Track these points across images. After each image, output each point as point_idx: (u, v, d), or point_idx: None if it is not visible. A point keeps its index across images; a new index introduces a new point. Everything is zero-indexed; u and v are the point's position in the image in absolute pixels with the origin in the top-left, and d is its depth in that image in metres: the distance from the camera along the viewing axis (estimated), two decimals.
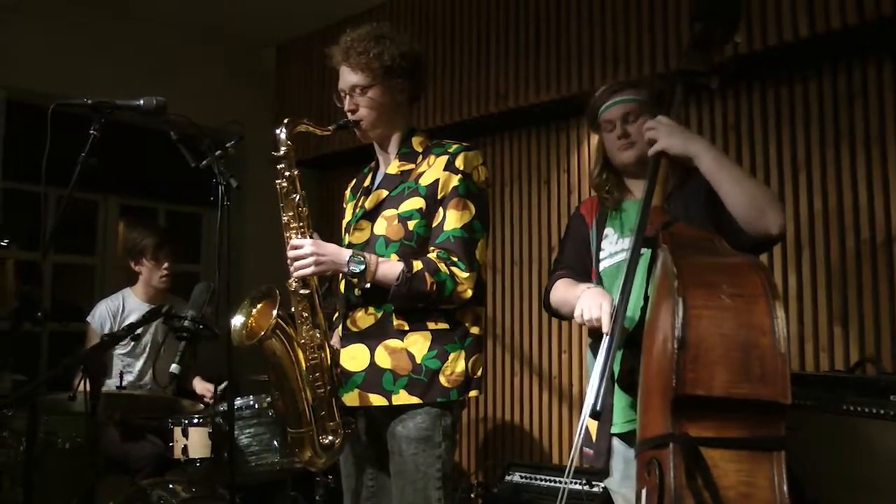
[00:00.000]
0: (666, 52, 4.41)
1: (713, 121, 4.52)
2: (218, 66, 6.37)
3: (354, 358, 2.68)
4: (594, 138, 3.08)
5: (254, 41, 6.62)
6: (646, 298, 2.18)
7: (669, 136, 2.40)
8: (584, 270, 2.76)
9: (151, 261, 4.74)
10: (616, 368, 2.47)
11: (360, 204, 2.85)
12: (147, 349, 4.65)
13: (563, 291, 2.72)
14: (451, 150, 2.73)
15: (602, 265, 2.69)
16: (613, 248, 2.68)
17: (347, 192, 3.05)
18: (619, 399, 2.50)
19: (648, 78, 4.29)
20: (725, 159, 2.43)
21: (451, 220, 2.65)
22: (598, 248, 2.72)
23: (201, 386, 4.75)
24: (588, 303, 2.44)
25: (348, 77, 2.76)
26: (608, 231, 2.72)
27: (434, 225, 2.68)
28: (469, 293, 2.63)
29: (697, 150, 2.39)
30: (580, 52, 4.79)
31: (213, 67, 6.33)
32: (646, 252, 2.22)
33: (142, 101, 2.68)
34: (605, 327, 2.34)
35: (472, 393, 2.69)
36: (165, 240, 4.84)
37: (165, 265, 4.76)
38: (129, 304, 4.76)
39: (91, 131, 2.63)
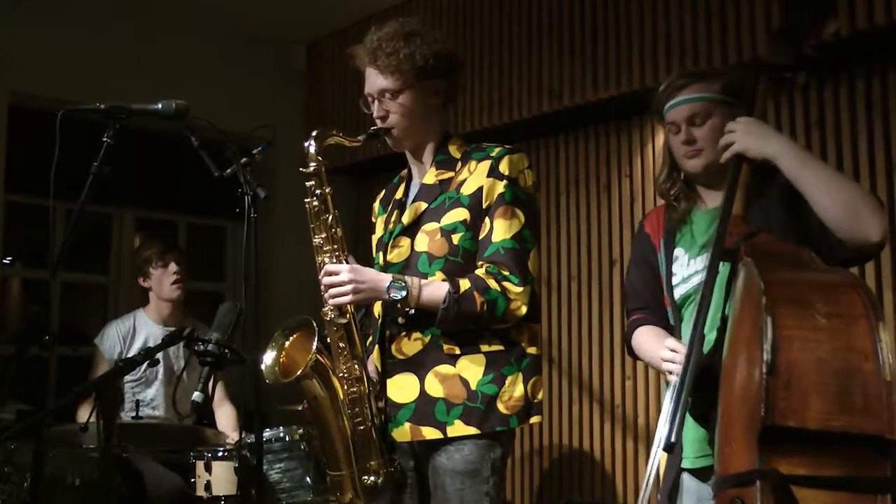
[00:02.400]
0: (739, 41, 4.36)
1: (793, 117, 4.45)
2: (243, 65, 6.41)
3: (402, 388, 2.68)
4: (660, 138, 3.04)
5: (283, 38, 6.66)
6: (723, 320, 2.15)
7: (746, 135, 2.37)
8: (660, 303, 2.75)
9: (158, 267, 4.78)
10: (690, 397, 2.43)
11: (394, 219, 2.85)
12: (160, 375, 4.69)
13: (648, 345, 2.71)
14: (493, 154, 2.73)
15: (676, 292, 2.67)
16: (686, 270, 2.66)
17: (376, 205, 3.06)
18: (691, 431, 2.48)
19: (723, 69, 4.21)
20: (810, 157, 2.40)
21: (500, 230, 2.65)
22: (669, 274, 2.70)
23: (226, 419, 4.75)
24: (660, 358, 2.47)
25: (376, 81, 2.76)
26: (678, 251, 2.70)
27: (481, 237, 2.68)
28: (524, 309, 2.63)
29: (776, 150, 2.36)
30: (643, 42, 4.77)
31: (238, 67, 6.37)
32: (723, 267, 2.18)
33: (160, 105, 2.71)
34: (677, 366, 2.31)
35: (534, 419, 2.68)
36: (171, 245, 4.92)
37: (175, 269, 4.79)
38: (140, 326, 4.81)
39: (104, 139, 2.66)
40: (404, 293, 2.59)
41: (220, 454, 3.94)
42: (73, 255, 2.83)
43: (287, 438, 3.96)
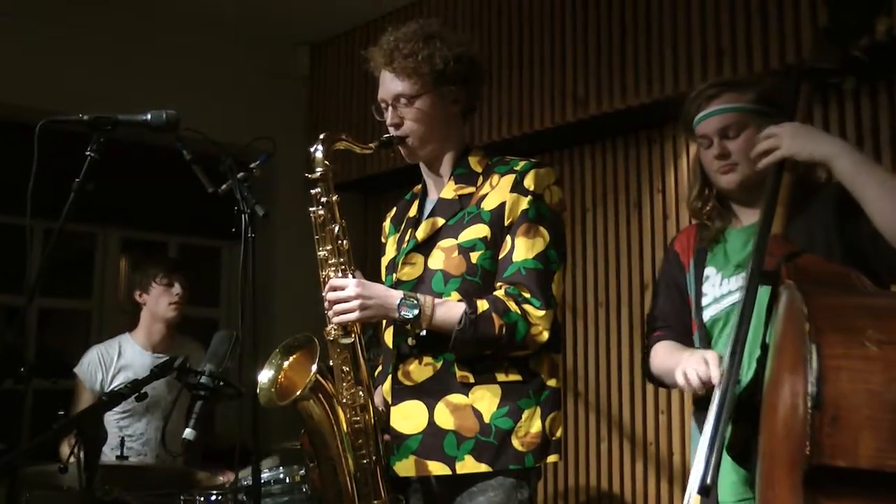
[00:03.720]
0: (783, 42, 4.36)
1: (843, 124, 4.44)
2: (240, 71, 6.44)
3: (409, 418, 2.69)
4: (693, 147, 3.04)
5: (284, 40, 6.68)
6: (763, 348, 2.15)
7: (793, 137, 2.37)
8: (686, 326, 2.75)
9: (162, 283, 4.80)
10: (727, 434, 2.42)
11: (407, 237, 2.87)
12: (149, 408, 4.69)
13: (666, 358, 2.71)
14: (517, 168, 2.75)
15: (706, 314, 2.67)
16: (717, 290, 2.66)
17: (387, 225, 3.08)
18: (730, 472, 2.46)
19: (757, 76, 4.21)
20: (869, 160, 2.40)
21: (522, 249, 2.67)
22: (699, 294, 2.70)
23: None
24: (690, 362, 2.42)
25: (392, 85, 2.79)
26: (709, 271, 2.71)
27: (501, 256, 2.70)
28: (545, 335, 2.64)
29: (831, 150, 2.35)
30: (676, 44, 4.77)
31: (235, 73, 6.40)
32: (763, 290, 2.17)
33: (149, 116, 2.73)
34: (715, 379, 2.29)
35: (552, 458, 2.68)
36: (181, 266, 4.95)
37: (178, 291, 4.82)
38: (126, 351, 4.82)
39: (88, 152, 2.66)
40: (416, 311, 2.60)
41: (214, 497, 3.93)
42: (53, 279, 2.84)
43: (287, 480, 3.95)
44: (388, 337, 2.81)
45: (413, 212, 2.95)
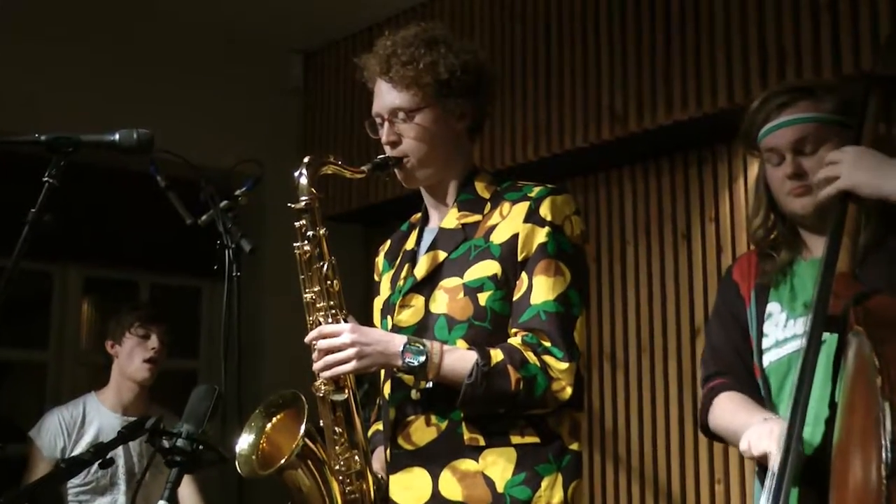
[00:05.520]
0: (857, 45, 4.35)
1: None
2: (223, 82, 6.45)
3: (410, 488, 2.68)
4: (753, 170, 3.04)
5: (273, 47, 6.70)
6: (832, 406, 2.15)
7: (854, 168, 2.38)
8: (748, 369, 2.74)
9: (137, 334, 4.74)
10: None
11: (404, 274, 2.86)
12: (118, 478, 4.67)
13: (732, 417, 2.69)
14: (531, 195, 2.74)
15: (766, 359, 2.66)
16: (781, 332, 2.66)
17: (380, 260, 3.09)
18: None
19: (833, 82, 4.20)
20: None
21: (541, 289, 2.65)
22: (760, 334, 2.70)
23: None
24: (756, 432, 2.42)
25: (388, 97, 2.79)
26: (772, 307, 2.71)
27: (516, 298, 2.68)
28: (568, 391, 2.62)
29: None
30: (730, 49, 4.76)
31: (217, 85, 6.42)
32: (830, 338, 2.18)
33: (118, 136, 2.72)
34: (773, 462, 2.30)
35: None
36: (161, 317, 4.88)
37: (155, 345, 4.76)
38: (91, 413, 4.78)
39: (46, 178, 2.65)
40: (423, 359, 2.58)
41: None
42: (2, 326, 2.84)
43: None
44: (387, 391, 2.80)
45: (411, 243, 2.94)
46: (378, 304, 2.99)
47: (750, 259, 2.83)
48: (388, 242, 3.08)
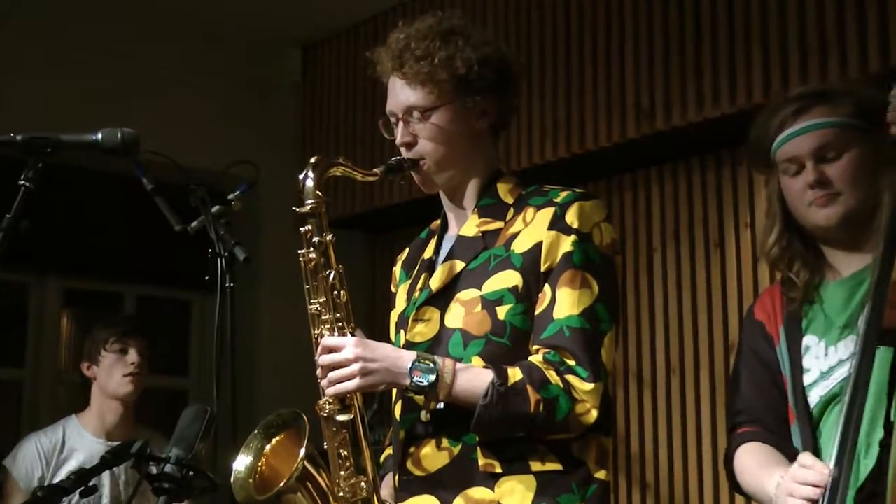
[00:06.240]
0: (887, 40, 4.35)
1: None
2: (216, 77, 6.49)
3: None
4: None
5: (270, 39, 6.72)
6: (888, 429, 2.11)
7: None
8: (779, 416, 2.71)
9: (113, 350, 4.70)
10: None
11: (420, 285, 2.85)
12: None
13: (755, 472, 2.66)
14: (557, 200, 2.72)
15: (812, 395, 2.63)
16: (824, 362, 2.63)
17: (397, 270, 3.07)
18: None
19: (849, 84, 4.17)
20: None
21: (566, 303, 2.62)
22: (798, 372, 2.66)
23: None
24: (794, 484, 2.37)
25: (402, 95, 2.78)
26: (809, 340, 2.68)
27: (538, 312, 2.66)
28: (594, 414, 2.59)
29: None
30: (766, 42, 4.77)
31: (209, 80, 6.45)
32: (884, 352, 2.14)
33: (100, 135, 2.72)
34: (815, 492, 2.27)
35: None
36: (137, 329, 4.85)
37: (134, 359, 4.72)
38: (72, 439, 4.75)
39: (21, 181, 2.65)
40: (433, 377, 2.55)
41: None
42: None
43: None
44: (398, 412, 2.78)
45: (429, 252, 2.92)
46: (393, 317, 2.96)
47: (773, 294, 2.82)
48: (406, 251, 3.07)
